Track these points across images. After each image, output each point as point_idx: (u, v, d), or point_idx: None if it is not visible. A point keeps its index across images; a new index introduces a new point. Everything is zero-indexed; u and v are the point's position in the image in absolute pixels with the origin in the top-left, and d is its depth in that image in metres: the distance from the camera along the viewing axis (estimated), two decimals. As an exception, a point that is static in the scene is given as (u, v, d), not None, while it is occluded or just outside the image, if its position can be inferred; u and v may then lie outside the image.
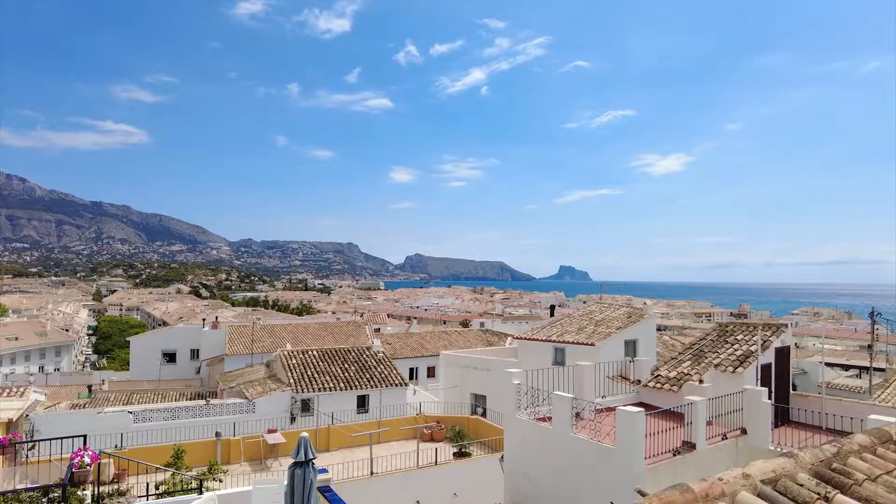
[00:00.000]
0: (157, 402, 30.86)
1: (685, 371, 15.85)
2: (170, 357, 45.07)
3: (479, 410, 29.07)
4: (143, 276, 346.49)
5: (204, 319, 52.94)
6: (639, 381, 17.40)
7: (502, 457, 14.87)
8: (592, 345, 23.85)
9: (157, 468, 15.60)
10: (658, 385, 15.92)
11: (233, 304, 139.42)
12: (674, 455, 11.47)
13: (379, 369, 29.78)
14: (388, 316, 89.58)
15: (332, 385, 27.54)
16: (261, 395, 26.25)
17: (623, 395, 16.74)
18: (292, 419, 26.17)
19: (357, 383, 28.17)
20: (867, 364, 38.99)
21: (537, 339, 27.23)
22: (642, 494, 4.42)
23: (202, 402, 25.89)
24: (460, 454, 23.13)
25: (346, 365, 29.64)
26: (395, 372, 29.92)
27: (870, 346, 39.60)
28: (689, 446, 11.80)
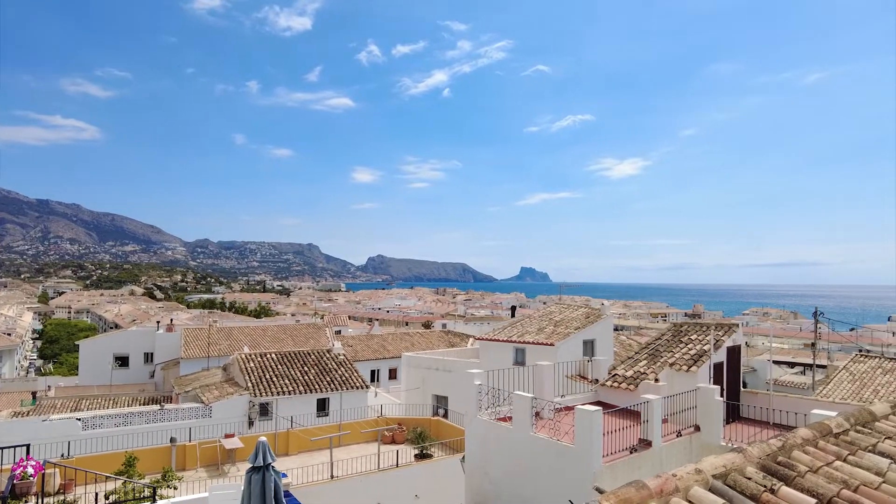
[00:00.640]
0: (108, 407, 29.75)
1: (641, 370, 16.24)
2: (122, 361, 43.57)
3: (441, 412, 29.09)
4: (94, 278, 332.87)
5: (158, 322, 51.41)
6: (597, 380, 17.72)
7: (463, 457, 14.92)
8: (552, 345, 24.19)
9: (107, 477, 15.00)
10: (615, 384, 16.26)
11: (188, 307, 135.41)
12: (631, 453, 11.72)
13: (339, 372, 29.45)
14: (350, 318, 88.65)
15: (291, 388, 27.09)
16: (217, 400, 25.61)
17: (582, 394, 17.03)
18: (250, 423, 25.62)
19: (317, 386, 27.78)
20: (811, 361, 40.85)
21: (498, 340, 27.43)
22: (600, 492, 4.53)
23: (156, 407, 25.05)
24: (422, 456, 23.09)
25: (305, 368, 29.21)
26: (355, 374, 29.64)
27: (813, 345, 41.50)
28: (646, 444, 12.09)
